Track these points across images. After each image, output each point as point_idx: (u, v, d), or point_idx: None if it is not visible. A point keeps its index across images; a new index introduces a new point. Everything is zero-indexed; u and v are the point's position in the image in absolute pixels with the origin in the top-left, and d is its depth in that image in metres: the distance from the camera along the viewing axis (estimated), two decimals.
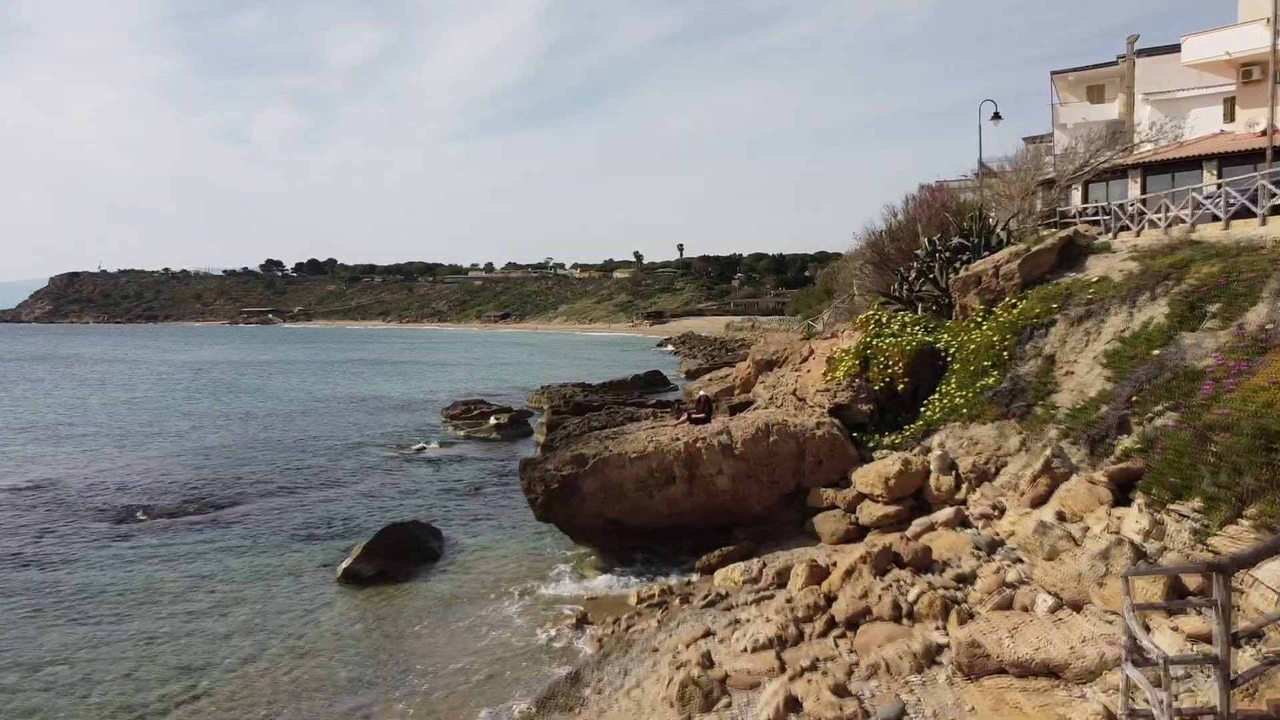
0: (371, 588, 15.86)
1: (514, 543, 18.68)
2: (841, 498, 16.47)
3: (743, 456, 16.77)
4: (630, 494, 16.57)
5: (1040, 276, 18.71)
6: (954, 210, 25.38)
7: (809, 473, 17.07)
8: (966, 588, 11.06)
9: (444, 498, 22.95)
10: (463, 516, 21.02)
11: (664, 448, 16.71)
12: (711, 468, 16.64)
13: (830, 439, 17.09)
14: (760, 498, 16.92)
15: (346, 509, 21.89)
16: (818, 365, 22.03)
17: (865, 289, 28.74)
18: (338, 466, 27.57)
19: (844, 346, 20.89)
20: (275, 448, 31.74)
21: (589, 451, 16.80)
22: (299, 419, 40.75)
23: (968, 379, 17.80)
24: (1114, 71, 42.37)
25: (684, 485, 16.61)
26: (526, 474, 16.67)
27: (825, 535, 16.14)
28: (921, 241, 23.70)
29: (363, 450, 30.93)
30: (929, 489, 15.88)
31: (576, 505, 16.50)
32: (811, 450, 17.00)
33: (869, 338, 19.82)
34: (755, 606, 12.95)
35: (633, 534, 17.07)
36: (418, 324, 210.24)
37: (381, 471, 26.68)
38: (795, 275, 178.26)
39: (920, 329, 19.88)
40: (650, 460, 16.60)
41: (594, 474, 16.46)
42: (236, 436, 34.98)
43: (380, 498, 23.08)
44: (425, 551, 17.20)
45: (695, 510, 16.80)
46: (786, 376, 25.15)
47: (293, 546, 18.88)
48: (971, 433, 16.60)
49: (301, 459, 29.05)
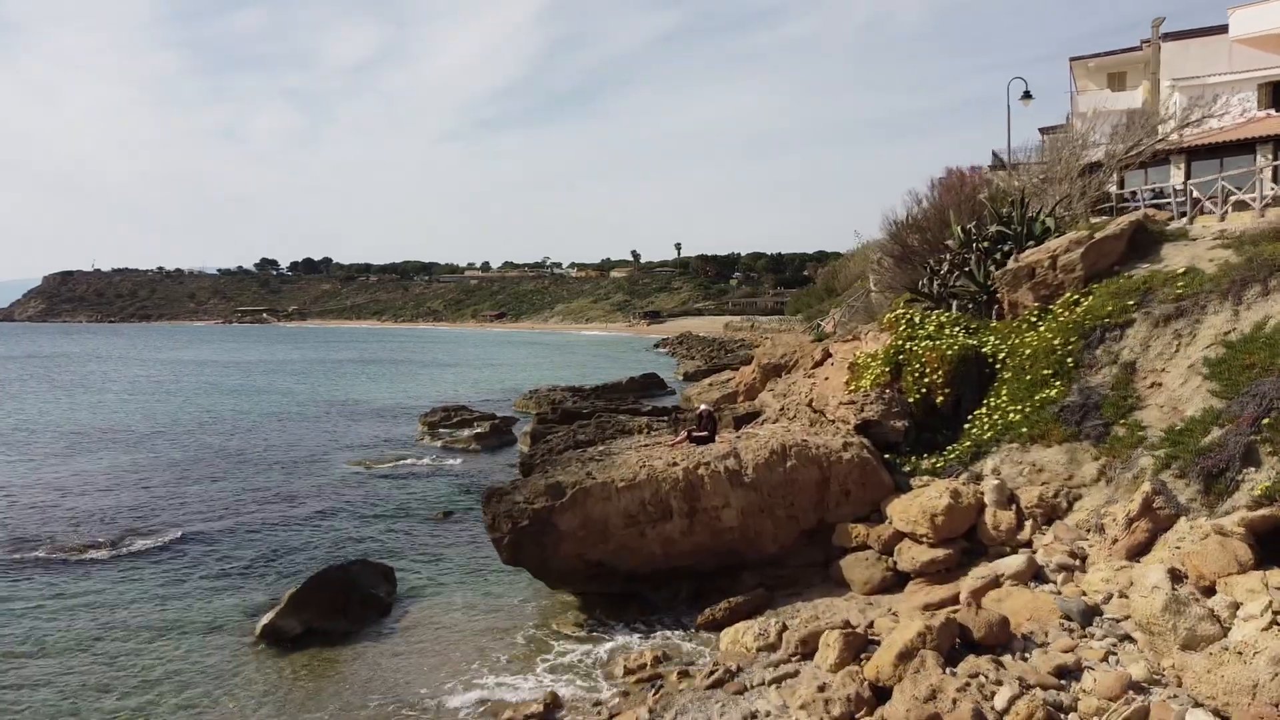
0: (297, 651, 12.84)
1: (481, 589, 15.68)
2: (875, 536, 13.48)
3: (754, 485, 13.78)
4: (617, 531, 13.58)
5: (1108, 268, 15.75)
6: (989, 196, 22.39)
7: (834, 505, 14.08)
8: (1072, 685, 8.08)
9: (406, 525, 19.92)
10: (424, 551, 18.02)
11: (658, 475, 13.73)
12: (716, 499, 13.66)
13: (860, 463, 14.10)
14: (775, 536, 13.94)
15: (293, 540, 18.88)
16: (837, 372, 19.04)
17: (884, 284, 25.77)
18: (294, 485, 24.56)
19: (869, 351, 17.90)
20: (231, 461, 28.72)
21: (567, 479, 13.79)
22: (267, 426, 37.73)
23: (1023, 390, 14.84)
24: (1137, 57, 39.49)
25: (683, 520, 13.64)
26: (490, 508, 13.66)
27: (856, 583, 13.16)
28: (953, 230, 20.71)
29: (327, 464, 27.92)
30: (984, 527, 12.91)
31: (552, 546, 13.51)
32: (838, 477, 14.01)
33: (900, 340, 16.84)
34: (775, 691, 9.97)
35: (620, 579, 14.08)
36: (413, 323, 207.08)
37: (342, 491, 23.67)
38: (794, 275, 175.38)
39: (961, 330, 16.91)
40: (642, 490, 13.61)
41: (573, 507, 13.47)
42: (193, 448, 31.94)
43: (334, 525, 20.08)
44: (370, 602, 14.18)
45: (696, 551, 13.83)
46: (799, 384, 22.16)
47: (218, 591, 15.87)
48: (1034, 457, 13.62)
49: (256, 476, 26.04)
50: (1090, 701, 7.56)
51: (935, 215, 23.30)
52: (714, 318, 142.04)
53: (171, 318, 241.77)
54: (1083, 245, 15.77)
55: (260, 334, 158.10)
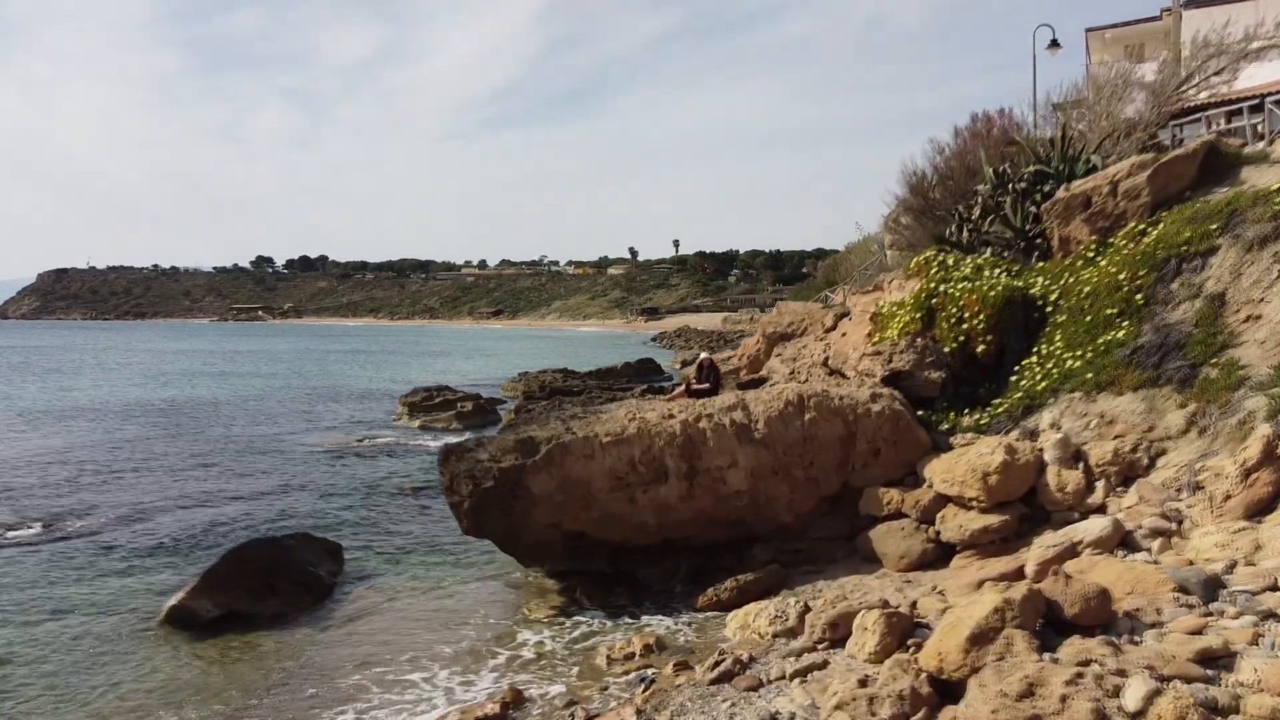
0: (210, 637, 10.55)
1: (442, 568, 13.40)
2: (912, 502, 11.19)
3: (766, 442, 11.50)
4: (601, 496, 11.30)
5: (1178, 193, 13.46)
6: (1023, 139, 20.12)
7: (861, 465, 11.80)
8: (1223, 677, 5.80)
9: (366, 502, 17.62)
10: (382, 528, 15.74)
11: (651, 428, 11.44)
12: (721, 457, 11.38)
13: (892, 417, 11.82)
14: (791, 502, 11.66)
15: (236, 516, 16.60)
16: (856, 326, 16.76)
17: (903, 243, 23.52)
18: (252, 462, 22.28)
19: (894, 299, 15.64)
20: (191, 440, 26.44)
21: (541, 434, 11.49)
22: (238, 407, 35.48)
23: (1083, 333, 12.56)
24: (1156, 28, 37.40)
25: (680, 483, 11.35)
26: (448, 467, 11.33)
27: (890, 558, 10.89)
28: (985, 172, 18.46)
29: (293, 443, 25.64)
30: (1045, 489, 10.63)
31: (522, 513, 11.21)
32: (865, 433, 11.73)
33: (931, 284, 14.56)
34: (799, 686, 7.69)
35: (605, 554, 11.80)
36: (409, 320, 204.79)
37: (303, 468, 21.39)
38: (793, 272, 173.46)
39: (1002, 271, 14.64)
40: (631, 446, 11.33)
41: (548, 467, 11.18)
42: (155, 428, 29.64)
43: (286, 502, 17.80)
44: (308, 582, 11.86)
45: (697, 520, 11.54)
46: (810, 347, 19.88)
47: (141, 569, 13.58)
48: (1102, 407, 11.34)
49: (214, 454, 23.75)
50: (1261, 701, 5.28)
51: (960, 162, 21.03)
52: (712, 314, 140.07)
53: (166, 315, 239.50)
54: (1149, 168, 13.50)
55: (254, 330, 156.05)
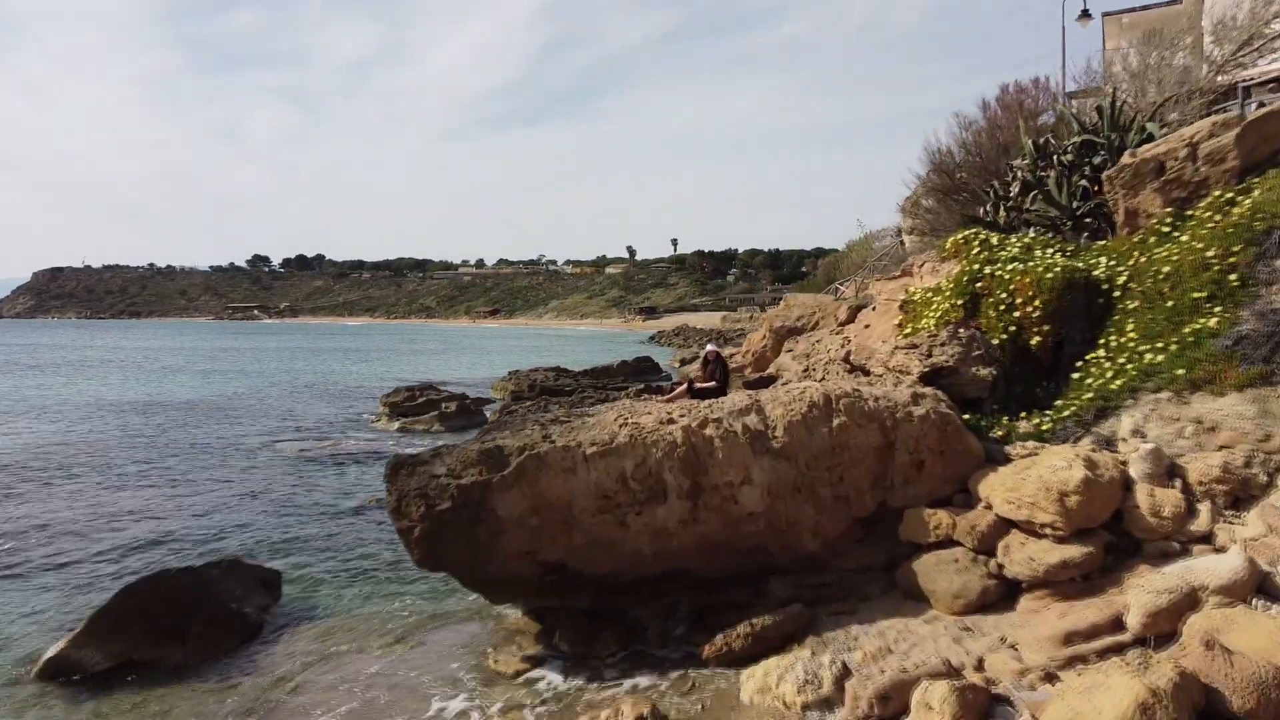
0: (96, 697, 8.46)
1: (398, 601, 11.32)
2: (967, 527, 9.10)
3: (786, 452, 9.42)
4: (585, 518, 9.21)
5: (1270, 155, 11.41)
6: (1063, 108, 18.10)
7: (901, 481, 9.72)
8: None
9: (322, 517, 15.50)
10: (340, 548, 13.64)
11: (646, 436, 9.36)
12: (731, 472, 9.30)
13: (939, 422, 9.74)
14: (817, 526, 9.57)
15: (168, 535, 14.50)
16: (882, 317, 14.70)
17: (924, 229, 21.45)
18: (209, 469, 20.17)
19: (928, 285, 13.57)
20: (150, 443, 24.33)
21: (512, 443, 9.39)
22: (215, 407, 33.40)
23: (1163, 322, 10.49)
24: (1176, 12, 35.45)
25: (682, 504, 9.27)
26: (396, 483, 9.23)
27: (941, 596, 8.81)
28: (1023, 145, 16.40)
29: (256, 446, 23.54)
30: (1135, 513, 8.55)
31: (487, 540, 9.12)
32: (906, 442, 9.65)
33: (974, 266, 12.49)
34: None
35: (590, 589, 9.73)
36: (406, 320, 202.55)
37: (260, 477, 19.28)
38: (792, 271, 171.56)
39: (1056, 251, 12.58)
40: (622, 458, 9.24)
41: (519, 483, 9.09)
42: (116, 427, 27.54)
43: (230, 518, 15.70)
44: (229, 622, 9.77)
45: (702, 548, 9.46)
46: (825, 341, 17.85)
47: (30, 604, 11.46)
48: (1198, 410, 9.26)
49: (170, 459, 21.64)
50: None
51: (991, 138, 18.99)
52: (711, 313, 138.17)
53: (162, 314, 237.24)
54: (1235, 127, 11.44)
55: (248, 329, 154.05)
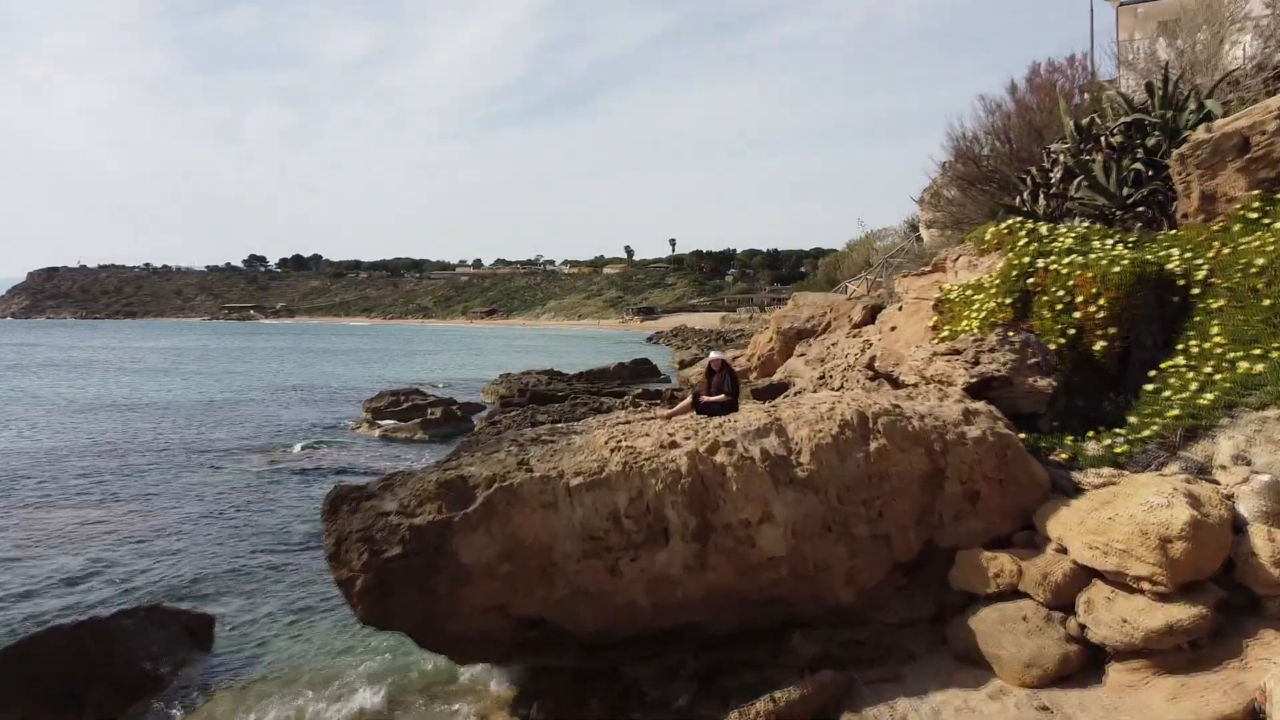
0: None
1: (351, 654, 9.60)
2: (1037, 576, 7.41)
3: (814, 483, 7.73)
4: (569, 565, 7.52)
5: None
6: (1096, 92, 16.46)
7: (952, 517, 8.04)
8: None
9: (281, 544, 13.79)
10: (291, 584, 11.95)
11: (644, 464, 7.67)
12: (747, 508, 7.61)
13: (997, 445, 8.06)
14: (851, 571, 7.88)
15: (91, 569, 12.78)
16: (911, 317, 13.02)
17: (946, 222, 19.75)
18: (163, 484, 18.49)
19: (966, 281, 11.87)
20: (106, 452, 22.64)
21: (479, 472, 7.70)
22: (191, 409, 31.80)
23: (1258, 324, 8.82)
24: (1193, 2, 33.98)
25: (687, 546, 7.58)
26: (335, 523, 7.54)
27: (1007, 664, 7.13)
28: (1064, 126, 14.74)
29: (229, 455, 21.86)
30: (1251, 562, 6.87)
31: (448, 592, 7.42)
32: (958, 468, 7.97)
33: (1024, 259, 10.80)
34: None
35: (576, 647, 8.03)
36: (403, 320, 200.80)
37: (222, 493, 17.60)
38: (791, 271, 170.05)
39: (1117, 241, 10.90)
40: (614, 491, 7.55)
41: (486, 522, 7.40)
42: (76, 433, 25.87)
43: (174, 545, 14.01)
44: (140, 685, 8.08)
45: (711, 600, 7.77)
46: (842, 344, 16.16)
47: None
48: None
49: (122, 472, 19.96)
50: None
51: (1022, 121, 17.31)
52: (709, 314, 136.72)
53: (158, 314, 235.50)
54: None
55: (243, 329, 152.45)
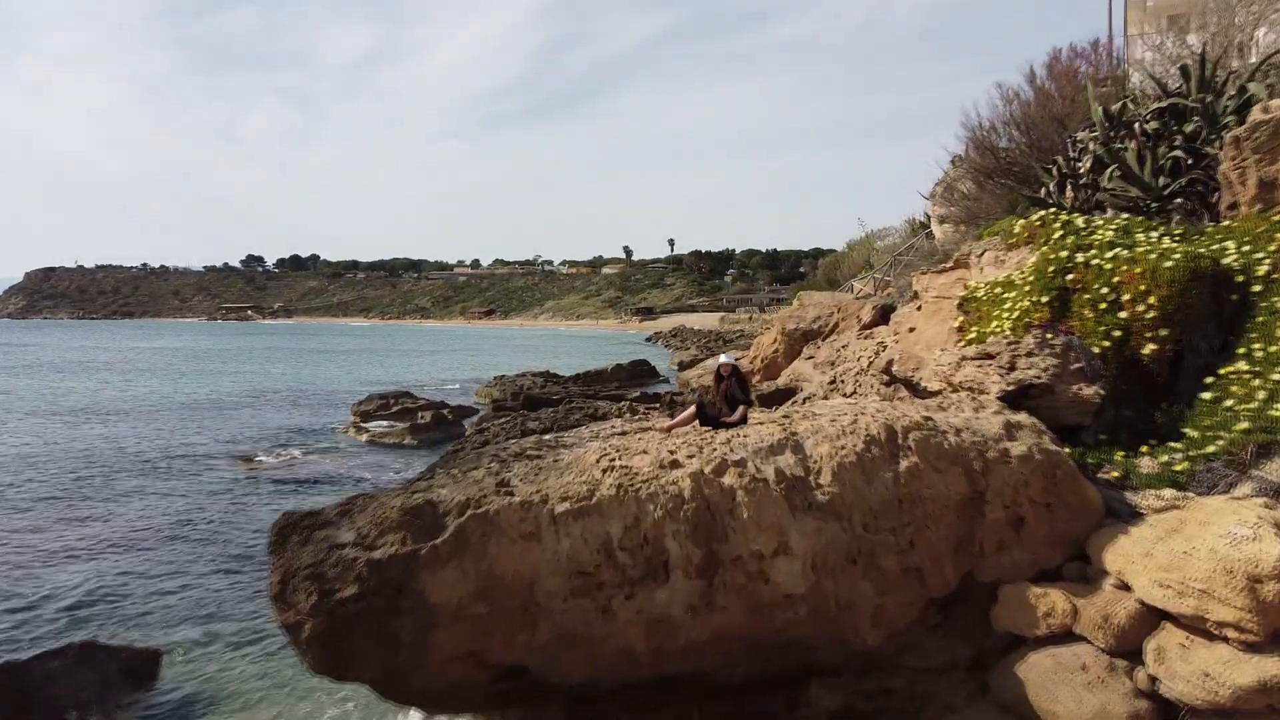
0: None
1: (315, 693, 8.59)
2: (1095, 617, 6.40)
3: (836, 508, 6.72)
4: (554, 605, 6.50)
5: None
6: (1120, 76, 15.51)
7: (994, 546, 7.02)
8: None
9: (248, 565, 12.78)
10: (254, 612, 10.95)
11: (641, 487, 6.65)
12: (760, 538, 6.59)
13: (1045, 465, 7.05)
14: (879, 610, 6.86)
15: (44, 589, 11.75)
16: (931, 318, 12.01)
17: (961, 218, 18.73)
18: (132, 492, 17.51)
19: (993, 278, 10.85)
20: (79, 458, 21.67)
21: (450, 496, 6.68)
22: (175, 411, 30.90)
23: None
24: None
25: (691, 583, 6.56)
26: (282, 558, 6.52)
27: None
28: (1093, 112, 13.73)
29: (207, 460, 20.88)
30: None
31: (413, 639, 6.40)
32: (1000, 491, 6.96)
33: (1060, 253, 9.78)
34: None
35: (562, 699, 7.01)
36: (401, 320, 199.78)
37: (193, 504, 16.60)
38: (790, 271, 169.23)
39: (1163, 234, 9.89)
40: (607, 518, 6.54)
41: (458, 556, 6.38)
42: (50, 436, 24.90)
43: (136, 562, 13.00)
44: None
45: (719, 644, 6.74)
46: (853, 346, 15.16)
47: None
48: None
49: (91, 480, 18.99)
50: None
51: (1043, 109, 16.32)
52: (708, 314, 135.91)
53: (155, 315, 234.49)
54: None
55: (239, 329, 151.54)
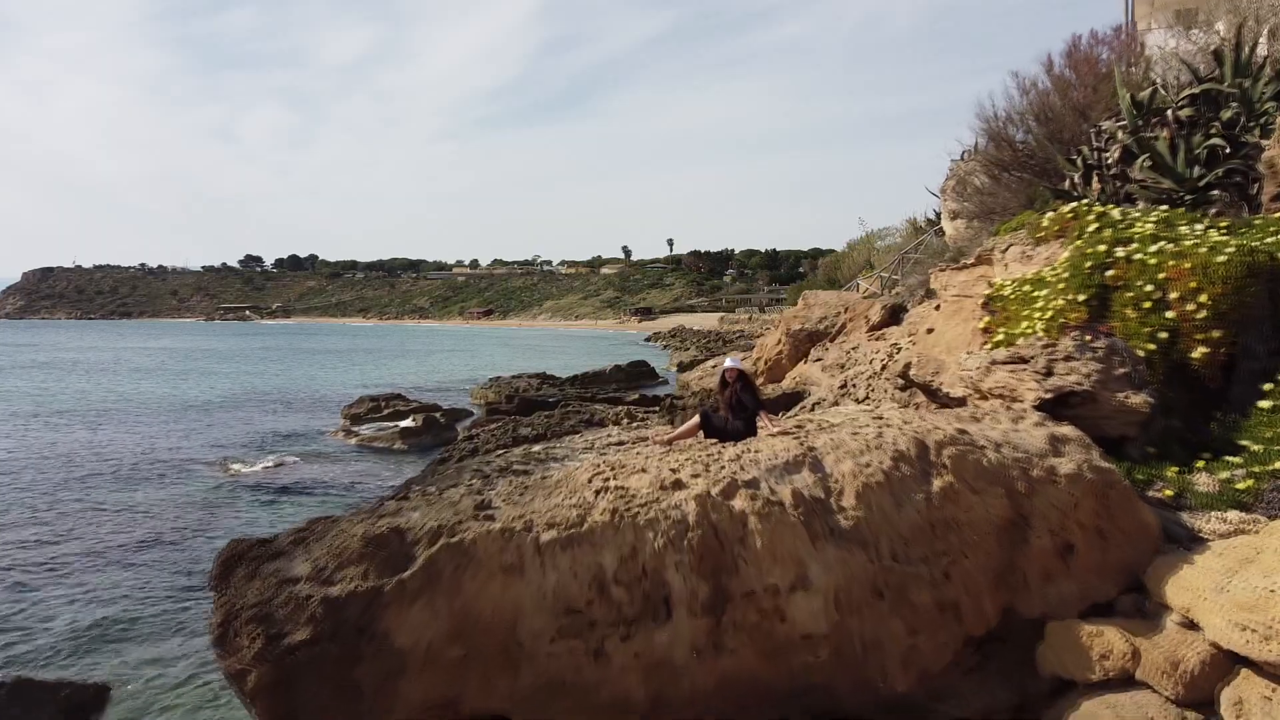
0: None
1: None
2: (1161, 662, 5.56)
3: (860, 534, 5.89)
4: (539, 647, 5.67)
5: None
6: (1144, 63, 14.70)
7: (1040, 576, 6.19)
8: None
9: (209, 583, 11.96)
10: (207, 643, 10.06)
11: (638, 512, 5.82)
12: (776, 570, 5.76)
13: (1098, 484, 6.21)
14: (911, 651, 6.03)
15: None
16: (952, 318, 11.18)
17: (973, 213, 17.89)
18: (99, 503, 16.73)
19: (1021, 274, 10.01)
20: (52, 462, 20.84)
21: (421, 522, 5.85)
22: (160, 412, 30.21)
23: None
24: None
25: (696, 622, 5.73)
26: (225, 593, 5.70)
27: None
28: (1120, 98, 12.90)
29: (186, 465, 20.06)
30: None
31: (376, 688, 5.57)
32: (1046, 514, 6.13)
33: (1099, 246, 8.95)
34: None
35: None
36: (399, 320, 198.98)
37: (167, 512, 15.79)
38: (789, 271, 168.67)
39: (1208, 226, 9.06)
40: (599, 549, 5.70)
41: (429, 592, 5.55)
42: (23, 439, 23.98)
43: (97, 579, 12.18)
44: None
45: (729, 691, 5.90)
46: (864, 348, 14.33)
47: None
48: None
49: (62, 485, 18.20)
50: None
51: (1064, 98, 15.50)
52: (707, 314, 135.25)
53: (153, 315, 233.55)
54: None
55: (236, 329, 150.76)
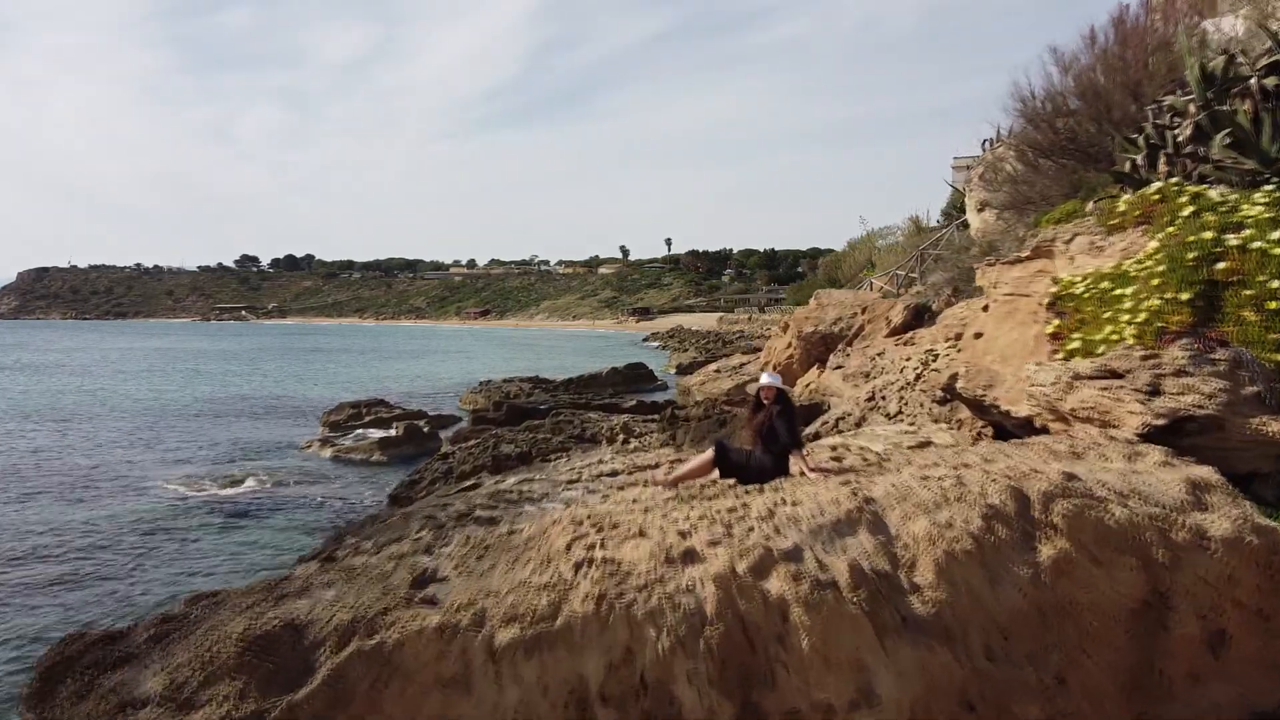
0: None
1: None
2: None
3: (942, 624, 4.21)
4: None
5: None
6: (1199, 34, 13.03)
7: (1184, 676, 4.51)
8: None
9: None
10: None
11: (635, 598, 4.14)
12: (830, 679, 4.08)
13: (1263, 550, 4.53)
14: None
15: None
16: (1005, 321, 9.49)
17: (1008, 203, 16.24)
18: (48, 518, 15.02)
19: (1096, 268, 8.33)
20: (10, 472, 19.10)
21: (326, 616, 4.20)
22: (132, 416, 28.54)
23: None
24: None
25: None
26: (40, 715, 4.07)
27: None
28: (1188, 69, 11.24)
29: (141, 481, 18.39)
30: None
31: None
32: (1194, 592, 4.45)
33: (1200, 234, 7.29)
34: None
35: None
36: (395, 320, 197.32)
37: (114, 534, 14.13)
38: (788, 271, 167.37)
39: None
40: (578, 652, 4.03)
41: (332, 718, 3.89)
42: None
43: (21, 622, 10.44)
44: None
45: None
46: (891, 354, 12.66)
47: None
48: None
49: (13, 496, 16.50)
50: None
51: (1111, 76, 13.85)
52: (706, 314, 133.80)
53: (149, 315, 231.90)
54: None
55: (232, 329, 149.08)
